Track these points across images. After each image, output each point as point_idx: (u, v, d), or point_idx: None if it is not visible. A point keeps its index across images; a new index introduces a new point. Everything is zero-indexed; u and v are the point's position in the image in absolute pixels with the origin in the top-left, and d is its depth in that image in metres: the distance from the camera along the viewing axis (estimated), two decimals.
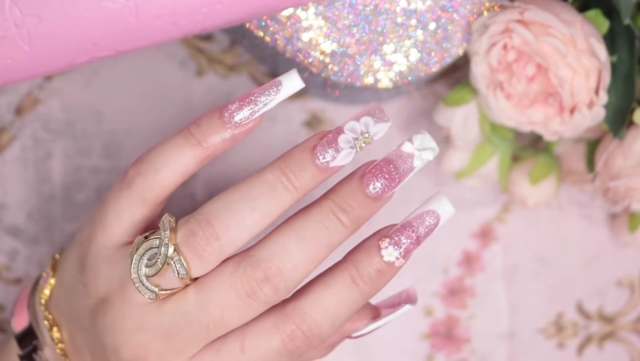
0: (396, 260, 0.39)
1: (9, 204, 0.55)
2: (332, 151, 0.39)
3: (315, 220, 0.39)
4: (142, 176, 0.41)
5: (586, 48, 0.47)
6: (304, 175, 0.39)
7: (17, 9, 0.41)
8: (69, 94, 0.55)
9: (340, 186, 0.39)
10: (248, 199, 0.38)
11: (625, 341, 0.58)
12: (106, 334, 0.40)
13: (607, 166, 0.50)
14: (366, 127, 0.39)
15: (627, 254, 0.58)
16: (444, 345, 0.58)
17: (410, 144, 0.39)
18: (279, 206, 0.39)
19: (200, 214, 0.39)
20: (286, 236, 0.39)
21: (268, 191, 0.38)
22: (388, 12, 0.51)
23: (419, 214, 0.40)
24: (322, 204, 0.39)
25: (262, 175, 0.39)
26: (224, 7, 0.43)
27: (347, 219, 0.39)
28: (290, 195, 0.39)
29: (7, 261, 0.56)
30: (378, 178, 0.39)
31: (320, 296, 0.39)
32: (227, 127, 0.40)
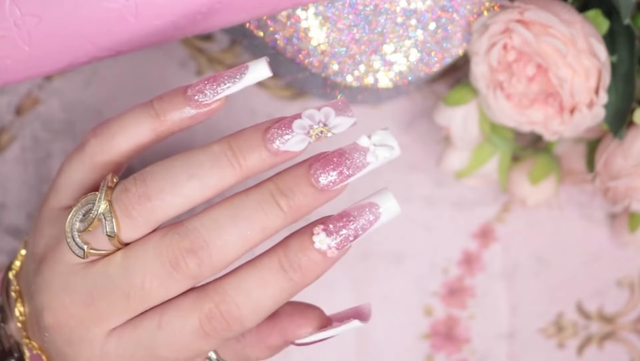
0: (328, 249, 0.37)
1: (9, 204, 0.55)
2: (285, 134, 0.37)
3: (253, 200, 0.37)
4: (96, 139, 0.40)
5: (586, 48, 0.47)
6: (251, 154, 0.37)
7: (17, 9, 0.41)
8: (69, 94, 0.55)
9: (287, 171, 0.38)
10: (188, 166, 0.37)
11: (625, 341, 0.58)
12: (37, 294, 0.39)
13: (607, 166, 0.50)
14: (326, 117, 0.37)
15: (627, 254, 0.58)
16: (444, 345, 0.58)
17: (366, 138, 0.37)
18: (220, 179, 0.37)
19: (139, 174, 0.38)
20: (220, 212, 0.37)
21: (210, 161, 0.37)
22: (388, 12, 0.51)
23: (360, 206, 0.38)
24: (263, 186, 0.37)
25: (208, 146, 0.38)
26: (223, 7, 0.43)
27: (287, 205, 0.37)
28: (234, 171, 0.37)
29: (7, 261, 0.55)
30: (326, 169, 0.37)
31: (244, 278, 0.37)
32: (188, 104, 0.39)
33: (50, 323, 0.39)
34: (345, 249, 0.38)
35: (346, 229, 0.37)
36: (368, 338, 0.57)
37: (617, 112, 0.49)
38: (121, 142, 0.40)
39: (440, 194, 0.57)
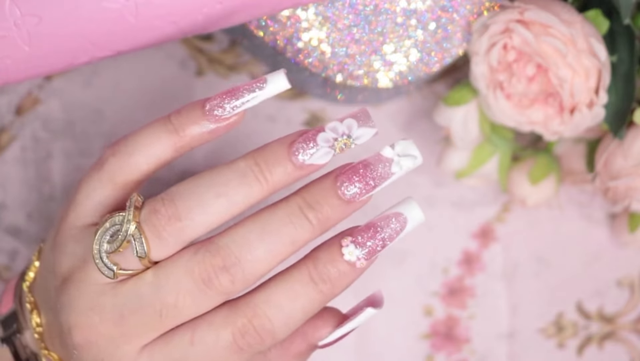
0: (357, 260, 0.38)
1: (9, 204, 0.55)
2: (310, 148, 0.38)
3: (282, 214, 0.38)
4: (115, 157, 0.40)
5: (586, 48, 0.47)
6: (277, 169, 0.38)
7: (17, 9, 0.41)
8: (69, 94, 0.55)
9: (314, 184, 0.38)
10: (215, 184, 0.37)
11: (625, 341, 0.58)
12: (62, 313, 0.39)
13: (607, 165, 0.50)
14: (349, 129, 0.38)
15: (627, 254, 0.58)
16: (444, 345, 0.58)
17: (390, 149, 0.38)
18: (247, 195, 0.38)
19: (166, 194, 0.38)
20: (249, 227, 0.37)
21: (237, 178, 0.37)
22: (388, 12, 0.51)
23: (386, 216, 0.38)
24: (291, 199, 0.38)
25: (234, 163, 0.38)
26: (224, 7, 0.43)
27: (315, 218, 0.38)
28: (260, 187, 0.38)
29: (7, 261, 0.55)
30: (352, 181, 0.38)
31: (275, 292, 0.38)
32: (207, 119, 0.39)
33: (79, 341, 0.39)
34: (373, 259, 0.38)
35: (374, 240, 0.38)
36: (368, 338, 0.57)
37: (617, 112, 0.49)
38: (140, 161, 0.40)
39: (440, 194, 0.57)
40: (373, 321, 0.57)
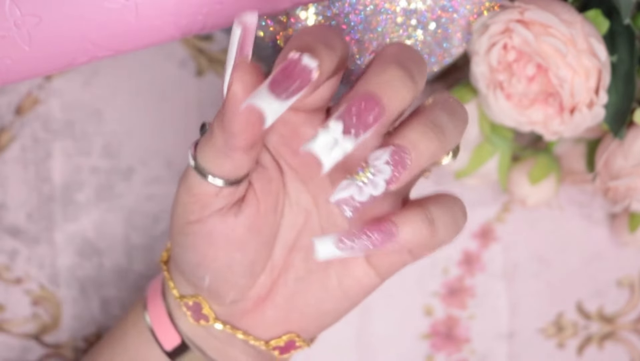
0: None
1: (9, 204, 0.55)
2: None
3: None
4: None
5: (586, 48, 0.47)
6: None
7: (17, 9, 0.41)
8: (68, 94, 0.55)
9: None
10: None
11: (625, 341, 0.58)
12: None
13: (607, 165, 0.50)
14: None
15: (627, 254, 0.58)
16: (444, 345, 0.58)
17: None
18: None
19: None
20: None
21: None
22: (388, 12, 0.51)
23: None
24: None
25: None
26: (224, 7, 0.43)
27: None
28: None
29: (7, 261, 0.56)
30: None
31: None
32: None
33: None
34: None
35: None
36: (368, 338, 0.57)
37: (617, 112, 0.49)
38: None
39: None
40: (373, 321, 0.57)
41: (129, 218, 0.56)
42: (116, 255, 0.56)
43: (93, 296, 0.56)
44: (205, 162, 0.39)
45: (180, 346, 0.45)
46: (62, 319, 0.56)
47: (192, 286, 0.44)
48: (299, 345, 0.45)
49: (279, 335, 0.44)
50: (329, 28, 0.38)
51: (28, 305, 0.56)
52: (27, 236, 0.55)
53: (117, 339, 0.47)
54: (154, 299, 0.46)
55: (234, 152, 0.38)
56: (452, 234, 0.39)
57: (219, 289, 0.43)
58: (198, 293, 0.44)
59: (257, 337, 0.44)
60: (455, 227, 0.39)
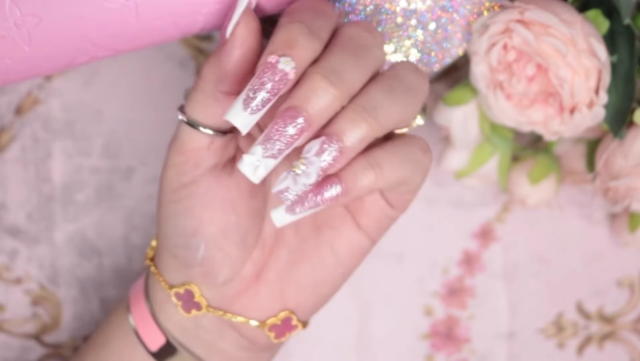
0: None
1: (9, 204, 0.55)
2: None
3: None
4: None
5: (586, 48, 0.47)
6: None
7: (17, 9, 0.41)
8: (69, 94, 0.55)
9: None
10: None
11: (625, 341, 0.58)
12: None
13: (607, 166, 0.50)
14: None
15: (627, 254, 0.58)
16: (444, 345, 0.58)
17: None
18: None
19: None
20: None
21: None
22: (388, 12, 0.51)
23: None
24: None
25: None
26: (224, 7, 0.43)
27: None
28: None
29: (7, 261, 0.56)
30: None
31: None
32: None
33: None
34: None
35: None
36: (368, 338, 0.57)
37: (617, 112, 0.49)
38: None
39: (440, 194, 0.57)
40: (373, 321, 0.57)
41: (129, 218, 0.56)
42: (116, 255, 0.56)
43: (93, 296, 0.56)
44: (196, 111, 0.41)
45: (166, 346, 0.45)
46: (62, 319, 0.56)
47: (182, 271, 0.43)
48: (294, 325, 0.45)
49: (275, 313, 0.44)
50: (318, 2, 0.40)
51: (28, 305, 0.56)
52: (27, 236, 0.55)
53: (101, 343, 0.47)
54: (137, 301, 0.46)
55: (225, 95, 0.40)
56: (406, 170, 0.40)
57: (213, 263, 0.43)
58: (189, 280, 0.44)
59: (252, 318, 0.44)
60: (408, 163, 0.40)
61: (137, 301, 0.46)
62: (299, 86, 0.38)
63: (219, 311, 0.44)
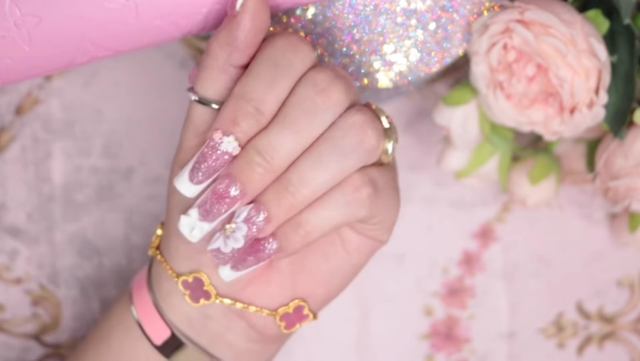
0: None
1: (9, 204, 0.55)
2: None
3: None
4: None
5: (586, 48, 0.47)
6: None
7: (17, 9, 0.41)
8: (69, 94, 0.55)
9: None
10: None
11: (625, 341, 0.58)
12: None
13: (607, 166, 0.50)
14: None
15: (627, 254, 0.58)
16: (444, 345, 0.58)
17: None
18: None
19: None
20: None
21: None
22: (388, 12, 0.51)
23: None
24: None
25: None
26: (224, 7, 0.43)
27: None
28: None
29: (7, 261, 0.56)
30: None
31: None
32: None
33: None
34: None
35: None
36: (368, 338, 0.57)
37: (617, 112, 0.49)
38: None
39: (440, 194, 0.57)
40: (373, 321, 0.57)
41: (129, 218, 0.56)
42: (116, 255, 0.56)
43: (93, 296, 0.56)
44: (207, 88, 0.41)
45: (171, 339, 0.45)
46: (62, 319, 0.56)
47: (193, 258, 0.43)
48: (306, 314, 0.45)
49: (287, 301, 0.44)
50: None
51: (28, 305, 0.56)
52: (27, 236, 0.55)
53: (101, 338, 0.47)
54: (139, 293, 0.46)
55: (235, 68, 0.41)
56: (339, 217, 0.41)
57: None
58: (198, 267, 0.43)
59: (263, 307, 0.44)
60: (339, 209, 0.41)
61: (140, 294, 0.46)
62: (237, 157, 0.40)
63: (228, 300, 0.44)
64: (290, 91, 0.40)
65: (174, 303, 0.45)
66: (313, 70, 0.41)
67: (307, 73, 0.41)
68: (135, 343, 0.46)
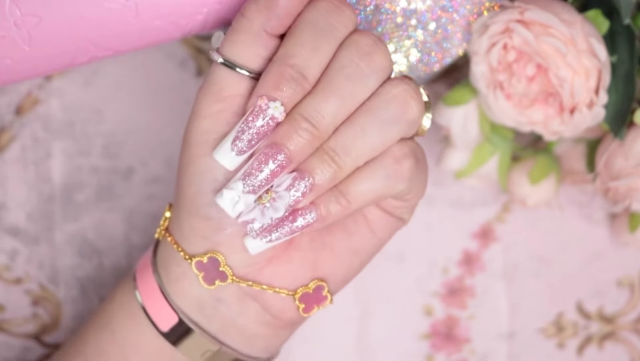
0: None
1: (9, 204, 0.55)
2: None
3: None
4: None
5: (586, 48, 0.47)
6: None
7: (17, 9, 0.41)
8: (69, 94, 0.55)
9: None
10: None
11: (625, 341, 0.58)
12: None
13: (607, 166, 0.50)
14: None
15: (627, 254, 0.58)
16: (444, 345, 0.58)
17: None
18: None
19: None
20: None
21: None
22: (388, 12, 0.51)
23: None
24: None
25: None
26: (223, 7, 0.43)
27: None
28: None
29: (7, 261, 0.56)
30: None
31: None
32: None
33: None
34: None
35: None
36: (368, 338, 0.57)
37: (618, 112, 0.49)
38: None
39: (440, 194, 0.57)
40: (373, 321, 0.57)
41: (129, 218, 0.56)
42: (116, 255, 0.56)
43: (93, 296, 0.56)
44: (237, 52, 0.40)
45: (178, 325, 0.43)
46: (62, 319, 0.56)
47: (209, 237, 0.42)
48: (325, 295, 0.44)
49: (306, 282, 0.43)
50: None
51: (28, 305, 0.56)
52: (27, 236, 0.55)
53: (103, 325, 0.46)
54: (144, 278, 0.44)
55: (269, 35, 0.40)
56: (379, 189, 0.41)
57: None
58: (214, 247, 0.42)
59: (282, 287, 0.43)
60: (379, 181, 0.41)
61: (144, 279, 0.44)
62: (282, 123, 0.39)
63: (245, 282, 0.43)
64: (334, 54, 0.40)
65: (184, 287, 0.43)
66: (355, 34, 0.40)
67: (349, 37, 0.40)
68: (139, 328, 0.44)
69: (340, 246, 0.44)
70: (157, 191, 0.56)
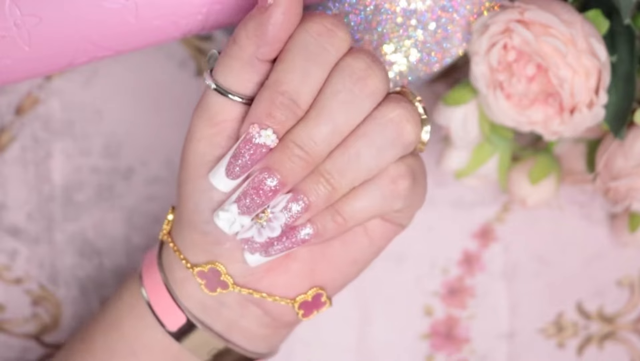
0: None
1: (9, 204, 0.55)
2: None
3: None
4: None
5: (586, 48, 0.47)
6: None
7: (17, 9, 0.41)
8: (69, 94, 0.55)
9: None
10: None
11: (625, 341, 0.58)
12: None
13: (607, 166, 0.50)
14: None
15: (627, 254, 0.58)
16: (444, 345, 0.58)
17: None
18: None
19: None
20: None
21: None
22: (388, 12, 0.51)
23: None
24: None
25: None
26: (223, 7, 0.43)
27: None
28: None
29: (7, 261, 0.56)
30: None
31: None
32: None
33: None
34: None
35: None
36: (368, 338, 0.57)
37: (618, 112, 0.49)
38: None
39: (440, 194, 0.57)
40: (373, 321, 0.57)
41: (129, 218, 0.56)
42: (116, 255, 0.56)
43: (93, 296, 0.56)
44: (229, 79, 0.40)
45: (185, 325, 0.44)
46: (62, 319, 0.56)
47: (209, 249, 0.42)
48: (324, 301, 0.44)
49: (305, 290, 0.44)
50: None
51: (28, 305, 0.56)
52: (27, 236, 0.55)
53: (111, 324, 0.46)
54: (151, 279, 0.45)
55: (261, 62, 0.39)
56: (375, 208, 0.41)
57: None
58: (215, 258, 0.43)
59: (282, 296, 0.44)
60: (375, 201, 0.41)
61: (152, 280, 0.45)
62: (275, 150, 0.39)
63: (246, 290, 0.43)
64: (327, 78, 0.39)
65: (188, 290, 0.44)
66: (349, 56, 0.40)
67: (343, 59, 0.39)
68: (148, 329, 0.45)
69: (339, 255, 0.44)
70: (157, 191, 0.56)
